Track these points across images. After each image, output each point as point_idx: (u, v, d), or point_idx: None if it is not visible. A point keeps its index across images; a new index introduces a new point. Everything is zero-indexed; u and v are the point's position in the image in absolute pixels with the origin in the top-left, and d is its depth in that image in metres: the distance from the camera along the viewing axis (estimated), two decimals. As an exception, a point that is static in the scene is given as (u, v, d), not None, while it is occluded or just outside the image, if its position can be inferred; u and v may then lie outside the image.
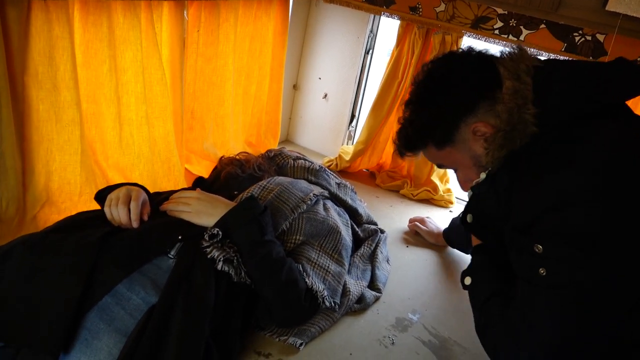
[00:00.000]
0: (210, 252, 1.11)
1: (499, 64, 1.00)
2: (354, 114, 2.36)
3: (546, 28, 1.68)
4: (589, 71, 0.99)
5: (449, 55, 1.12)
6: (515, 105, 0.95)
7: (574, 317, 0.86)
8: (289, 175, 1.57)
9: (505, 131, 0.97)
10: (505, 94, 0.96)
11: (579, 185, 0.86)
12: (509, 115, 0.96)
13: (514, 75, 0.97)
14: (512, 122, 0.96)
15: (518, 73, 0.97)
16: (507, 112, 0.96)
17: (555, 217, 0.87)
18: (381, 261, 1.58)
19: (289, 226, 1.33)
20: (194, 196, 1.23)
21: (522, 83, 0.96)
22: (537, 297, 0.90)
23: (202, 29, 1.68)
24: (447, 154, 1.11)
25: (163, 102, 1.59)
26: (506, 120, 0.96)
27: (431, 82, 1.08)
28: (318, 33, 2.29)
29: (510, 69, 0.98)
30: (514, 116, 0.95)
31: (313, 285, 1.26)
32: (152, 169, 1.64)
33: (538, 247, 0.89)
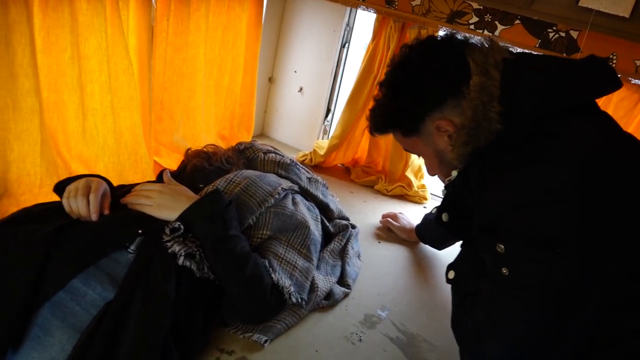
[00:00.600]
0: (171, 246, 1.08)
1: (469, 57, 0.98)
2: (329, 108, 2.33)
3: (521, 24, 1.68)
4: (561, 68, 0.97)
5: (428, 42, 1.07)
6: (481, 103, 0.93)
7: (538, 318, 0.84)
8: (259, 169, 1.54)
9: (470, 128, 0.95)
10: (472, 91, 0.94)
11: (554, 181, 0.83)
12: (474, 112, 0.94)
13: (482, 70, 0.95)
14: (477, 120, 0.94)
15: (486, 67, 0.95)
16: (472, 109, 0.94)
17: (523, 214, 0.84)
18: (352, 257, 1.56)
19: (256, 220, 1.30)
20: (156, 189, 1.19)
21: (490, 79, 0.94)
22: (500, 297, 0.88)
23: (172, 18, 1.64)
24: (413, 142, 1.11)
25: (130, 92, 1.54)
26: (470, 117, 0.95)
27: (404, 69, 1.05)
28: (294, 25, 2.26)
29: (479, 64, 0.96)
30: (479, 113, 0.93)
31: (279, 281, 1.23)
32: (118, 161, 1.59)
33: (500, 247, 0.87)
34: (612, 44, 1.59)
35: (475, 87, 0.94)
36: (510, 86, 0.93)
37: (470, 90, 0.95)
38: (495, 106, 0.92)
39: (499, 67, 0.95)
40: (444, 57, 1.02)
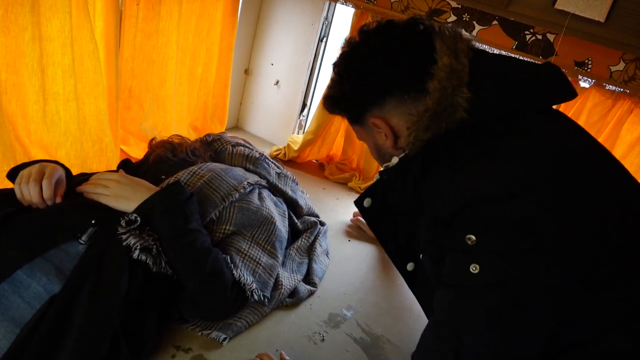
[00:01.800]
0: (126, 239, 1.03)
1: (438, 39, 0.90)
2: (305, 103, 2.29)
3: (498, 24, 1.66)
4: (523, 69, 0.94)
5: (382, 29, 0.96)
6: (450, 85, 0.86)
7: (506, 322, 0.77)
8: (227, 162, 1.49)
9: (434, 112, 0.87)
10: (441, 71, 0.87)
11: (527, 174, 0.79)
12: (442, 95, 0.86)
13: (452, 52, 0.88)
14: (444, 103, 0.86)
15: (457, 52, 0.88)
16: (440, 91, 0.86)
17: (494, 204, 0.78)
18: (319, 254, 1.53)
19: (219, 215, 1.26)
20: (114, 178, 1.14)
21: (460, 63, 0.87)
22: (464, 301, 0.81)
23: (142, 3, 1.58)
24: (357, 130, 1.08)
25: (95, 77, 1.48)
26: (437, 99, 0.87)
27: (354, 58, 0.98)
28: (272, 17, 2.21)
29: (449, 46, 0.88)
30: (447, 97, 0.86)
31: (241, 278, 1.19)
32: (81, 148, 1.54)
33: (470, 237, 0.79)
34: (588, 48, 1.58)
35: (446, 68, 0.87)
36: (479, 76, 0.88)
37: (439, 70, 0.87)
38: (464, 92, 0.86)
39: (468, 54, 0.89)
40: (404, 39, 0.92)
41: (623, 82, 1.57)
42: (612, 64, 1.57)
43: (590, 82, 1.62)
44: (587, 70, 1.61)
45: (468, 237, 0.79)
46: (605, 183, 0.83)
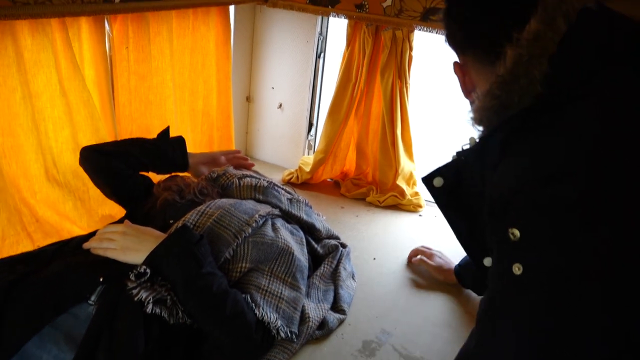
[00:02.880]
0: (138, 293, 0.98)
1: None
2: (311, 122, 2.24)
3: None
4: None
5: None
6: (527, 54, 0.73)
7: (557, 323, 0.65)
8: (236, 196, 1.44)
9: (504, 81, 0.76)
10: (524, 38, 0.74)
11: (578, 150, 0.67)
12: (515, 63, 0.74)
13: (547, 17, 0.73)
14: (516, 73, 0.74)
15: (554, 16, 0.73)
16: (514, 59, 0.74)
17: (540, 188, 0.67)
18: (345, 279, 1.45)
19: (233, 254, 1.19)
20: (119, 230, 1.10)
21: (551, 30, 0.73)
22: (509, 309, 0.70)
23: (131, 45, 1.55)
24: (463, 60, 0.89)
25: (94, 124, 1.46)
26: (510, 68, 0.75)
27: None
28: (266, 41, 2.17)
29: (547, 9, 0.73)
30: (521, 67, 0.74)
31: (264, 316, 1.13)
32: (88, 197, 1.51)
33: (514, 232, 0.68)
34: None
35: (530, 34, 0.73)
36: (572, 42, 0.73)
37: (521, 36, 0.74)
38: (543, 63, 0.72)
39: (570, 17, 0.73)
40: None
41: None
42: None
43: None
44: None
45: (512, 231, 0.68)
46: None
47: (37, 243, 1.40)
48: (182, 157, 1.50)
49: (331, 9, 1.86)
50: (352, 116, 2.03)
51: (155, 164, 1.47)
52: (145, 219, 1.29)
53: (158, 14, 1.58)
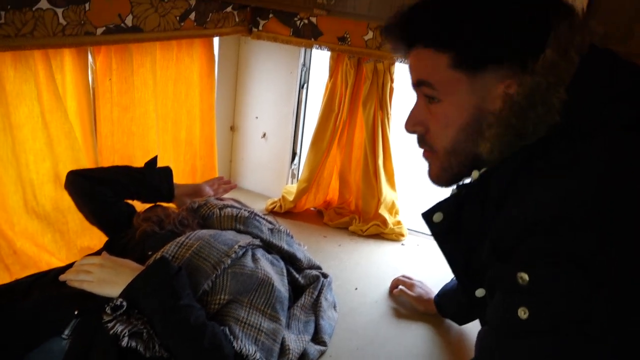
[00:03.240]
0: (113, 327, 0.97)
1: (553, 29, 0.75)
2: (295, 152, 2.26)
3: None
4: None
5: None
6: (545, 81, 0.73)
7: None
8: (216, 226, 1.43)
9: (521, 108, 0.74)
10: (540, 66, 0.74)
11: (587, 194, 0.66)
12: (532, 90, 0.74)
13: (561, 48, 0.74)
14: (533, 101, 0.74)
15: (567, 47, 0.74)
16: (531, 87, 0.74)
17: (551, 234, 0.67)
18: (326, 309, 1.45)
19: (212, 285, 1.19)
20: (96, 263, 1.09)
21: (566, 61, 0.74)
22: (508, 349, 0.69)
23: (115, 77, 1.57)
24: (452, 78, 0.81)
25: (75, 155, 1.46)
26: (527, 95, 0.74)
27: None
28: (250, 71, 2.20)
29: (560, 39, 0.74)
30: (538, 94, 0.74)
31: (242, 349, 1.12)
32: (67, 229, 1.49)
33: (522, 276, 0.68)
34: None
35: (546, 62, 0.74)
36: (588, 73, 0.75)
37: (537, 64, 0.74)
38: (561, 92, 0.73)
39: (582, 50, 0.75)
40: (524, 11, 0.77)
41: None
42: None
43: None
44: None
45: (520, 275, 0.68)
46: None
47: (14, 275, 1.39)
48: (168, 188, 1.51)
49: (314, 41, 1.90)
50: (335, 146, 2.05)
51: (140, 193, 1.47)
52: (124, 250, 1.29)
53: (142, 46, 1.60)
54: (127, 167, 1.50)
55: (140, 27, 1.51)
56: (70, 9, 1.29)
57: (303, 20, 1.89)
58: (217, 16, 1.80)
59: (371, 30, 1.78)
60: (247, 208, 1.54)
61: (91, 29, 1.37)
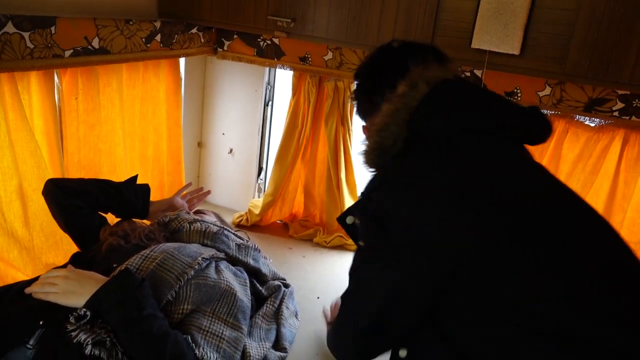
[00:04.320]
0: (77, 335, 1.01)
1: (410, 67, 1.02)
2: (261, 167, 2.33)
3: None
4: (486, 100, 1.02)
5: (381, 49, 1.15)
6: (395, 108, 0.98)
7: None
8: (185, 240, 1.48)
9: (380, 128, 1.00)
10: (395, 96, 1.00)
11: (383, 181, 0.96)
12: (386, 114, 0.99)
13: (412, 83, 0.99)
14: (387, 123, 0.99)
15: (417, 82, 0.99)
16: (386, 112, 0.99)
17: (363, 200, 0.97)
18: (287, 317, 1.51)
19: (175, 295, 1.24)
20: (61, 275, 1.13)
21: (415, 91, 0.98)
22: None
23: (81, 96, 1.62)
24: None
25: (40, 173, 1.50)
26: (383, 117, 1.00)
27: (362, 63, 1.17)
28: (217, 89, 2.27)
29: (412, 76, 1.00)
30: (389, 117, 0.99)
31: (204, 356, 1.17)
32: (32, 246, 1.52)
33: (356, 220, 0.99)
34: (515, 78, 1.66)
35: (398, 94, 0.99)
36: (429, 102, 0.97)
37: (391, 96, 1.00)
38: (404, 114, 0.98)
39: (431, 84, 0.99)
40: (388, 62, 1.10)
41: (552, 105, 1.65)
42: (539, 90, 1.65)
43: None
44: (517, 98, 1.69)
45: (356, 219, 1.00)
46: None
47: (-20, 290, 1.41)
48: (143, 205, 1.57)
49: (277, 61, 1.98)
50: (299, 161, 2.13)
51: (115, 207, 1.53)
52: (90, 263, 1.33)
53: (108, 66, 1.66)
54: (106, 181, 1.55)
55: (107, 49, 1.57)
56: (37, 32, 1.35)
57: (266, 41, 1.97)
58: (182, 37, 1.87)
59: (331, 50, 1.88)
60: (216, 223, 1.59)
61: (59, 52, 1.43)
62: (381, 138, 1.00)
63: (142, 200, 1.57)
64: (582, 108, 1.62)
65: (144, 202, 1.58)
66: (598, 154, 1.67)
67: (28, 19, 1.31)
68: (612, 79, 1.40)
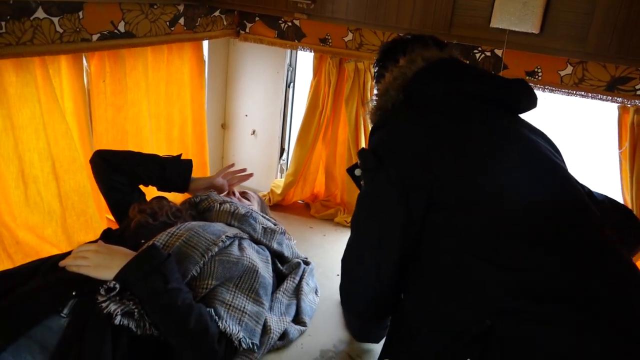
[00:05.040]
0: (107, 306, 1.07)
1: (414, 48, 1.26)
2: (283, 148, 2.37)
3: (448, 48, 1.73)
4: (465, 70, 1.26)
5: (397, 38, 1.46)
6: (393, 77, 1.23)
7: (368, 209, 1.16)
8: (213, 220, 1.54)
9: (381, 93, 1.25)
10: (394, 68, 1.24)
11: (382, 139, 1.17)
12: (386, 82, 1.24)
13: (411, 59, 1.23)
14: (386, 88, 1.23)
15: (416, 58, 1.22)
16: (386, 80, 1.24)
17: None
18: (307, 293, 1.56)
19: (200, 271, 1.29)
20: (92, 249, 1.20)
21: (412, 65, 1.22)
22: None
23: (108, 79, 1.67)
24: None
25: (71, 154, 1.56)
26: (385, 84, 1.24)
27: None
28: (240, 71, 2.31)
29: (411, 54, 1.24)
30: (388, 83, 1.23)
31: (227, 329, 1.22)
32: (66, 224, 1.60)
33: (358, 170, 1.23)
34: (535, 58, 1.65)
35: (397, 67, 1.24)
36: (422, 73, 1.20)
37: (393, 68, 1.24)
38: (402, 82, 1.21)
39: (426, 60, 1.22)
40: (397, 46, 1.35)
41: (574, 85, 1.63)
42: (560, 69, 1.64)
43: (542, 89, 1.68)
44: (538, 78, 1.68)
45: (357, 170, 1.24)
46: None
47: (17, 263, 1.49)
48: (184, 182, 1.66)
49: (297, 42, 2.01)
50: (320, 141, 2.16)
51: (156, 182, 1.63)
52: (120, 239, 1.39)
53: (134, 50, 1.71)
54: (151, 156, 1.64)
55: (132, 33, 1.62)
56: (66, 17, 1.40)
57: (287, 23, 1.99)
58: (205, 20, 1.91)
59: (351, 32, 1.89)
60: (245, 206, 1.62)
61: (87, 36, 1.48)
62: (382, 101, 1.24)
63: (183, 178, 1.64)
64: (604, 87, 1.60)
65: (184, 180, 1.65)
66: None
67: (57, 5, 1.36)
68: (635, 57, 1.38)
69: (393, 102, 1.22)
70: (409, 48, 1.27)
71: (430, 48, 1.26)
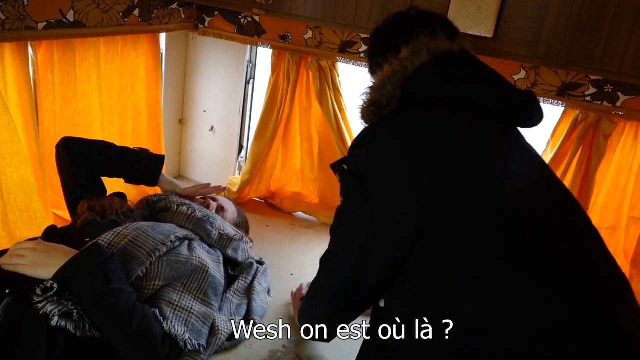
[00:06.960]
0: (43, 307, 1.03)
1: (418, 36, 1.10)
2: (241, 144, 2.34)
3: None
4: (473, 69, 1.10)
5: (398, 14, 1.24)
6: (393, 71, 1.07)
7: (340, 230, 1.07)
8: (169, 221, 1.49)
9: (377, 87, 1.08)
10: (395, 60, 1.08)
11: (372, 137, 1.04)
12: (385, 75, 1.07)
13: (414, 50, 1.07)
14: (383, 82, 1.07)
15: (420, 49, 1.06)
16: (385, 73, 1.08)
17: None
18: (259, 293, 1.54)
19: (146, 271, 1.25)
20: (29, 247, 1.15)
21: (415, 58, 1.06)
22: None
23: (57, 70, 1.61)
24: None
25: (13, 147, 1.49)
26: (381, 77, 1.08)
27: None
28: (199, 66, 2.27)
29: (415, 44, 1.07)
30: (386, 77, 1.07)
31: (172, 330, 1.19)
32: (7, 220, 1.53)
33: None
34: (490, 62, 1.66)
35: (398, 59, 1.08)
36: (424, 69, 1.05)
37: (393, 59, 1.09)
38: (402, 77, 1.05)
39: (432, 53, 1.06)
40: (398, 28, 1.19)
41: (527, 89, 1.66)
42: (514, 73, 1.67)
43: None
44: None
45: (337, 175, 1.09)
46: None
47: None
48: (153, 176, 1.62)
49: (257, 39, 1.98)
50: (278, 139, 2.14)
51: (123, 175, 1.60)
52: (63, 237, 1.34)
53: (85, 40, 1.65)
54: (122, 148, 1.60)
55: (82, 23, 1.56)
56: (9, 4, 1.34)
57: (247, 19, 1.97)
58: (162, 12, 1.86)
59: (311, 29, 1.88)
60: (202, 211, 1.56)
61: (32, 24, 1.42)
62: (377, 96, 1.08)
63: (152, 174, 1.61)
64: (555, 92, 1.63)
65: (153, 175, 1.61)
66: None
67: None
68: (584, 63, 1.42)
69: (388, 98, 1.07)
70: (413, 35, 1.10)
71: (439, 37, 1.10)
